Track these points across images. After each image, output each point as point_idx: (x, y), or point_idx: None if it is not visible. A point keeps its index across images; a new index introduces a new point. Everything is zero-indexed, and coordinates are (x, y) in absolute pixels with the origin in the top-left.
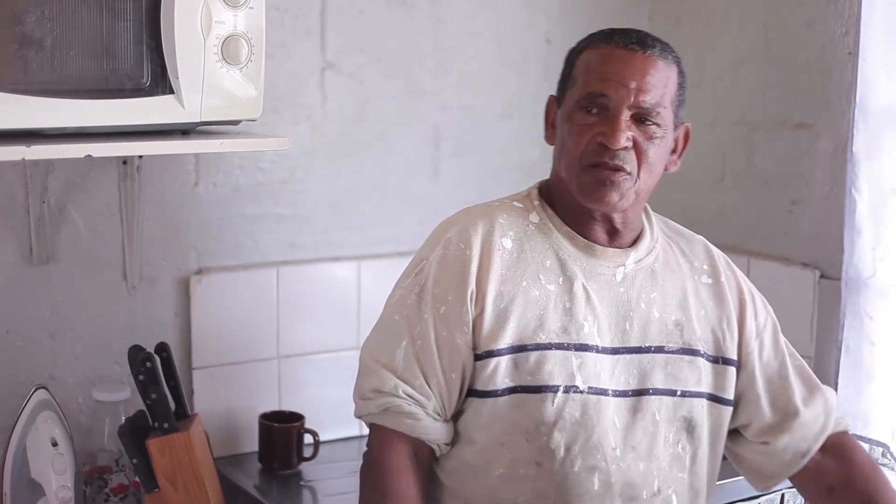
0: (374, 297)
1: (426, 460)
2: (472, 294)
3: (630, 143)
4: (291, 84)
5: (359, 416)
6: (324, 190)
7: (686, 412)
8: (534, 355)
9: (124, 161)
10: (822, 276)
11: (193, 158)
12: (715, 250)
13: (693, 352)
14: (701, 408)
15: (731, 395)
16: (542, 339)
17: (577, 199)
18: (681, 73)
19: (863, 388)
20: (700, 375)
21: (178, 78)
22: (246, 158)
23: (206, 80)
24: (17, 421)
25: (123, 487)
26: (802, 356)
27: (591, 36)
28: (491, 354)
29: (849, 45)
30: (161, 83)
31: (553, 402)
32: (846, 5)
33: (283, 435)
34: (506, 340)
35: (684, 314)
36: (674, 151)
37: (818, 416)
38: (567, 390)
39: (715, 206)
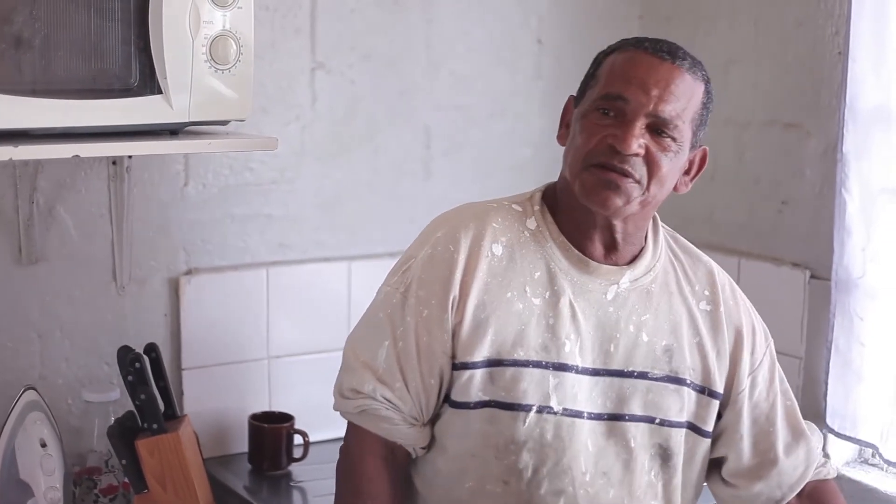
0: (365, 298)
1: (403, 461)
2: (454, 300)
3: (642, 151)
4: (281, 84)
5: (337, 410)
6: (314, 190)
7: (662, 440)
8: (510, 371)
9: (113, 161)
10: (812, 277)
11: (183, 159)
12: (720, 277)
13: (679, 380)
14: (679, 437)
15: (710, 428)
16: (521, 355)
17: (578, 199)
18: (707, 93)
19: (852, 389)
20: (683, 405)
21: (166, 78)
22: (235, 159)
23: (194, 80)
24: (5, 422)
25: (113, 488)
26: (792, 356)
27: (624, 40)
28: (466, 366)
29: (839, 44)
30: (149, 83)
31: (525, 421)
32: (836, 5)
33: (273, 436)
34: (482, 353)
35: (676, 340)
36: (687, 172)
37: (797, 466)
38: (540, 410)
39: (705, 206)
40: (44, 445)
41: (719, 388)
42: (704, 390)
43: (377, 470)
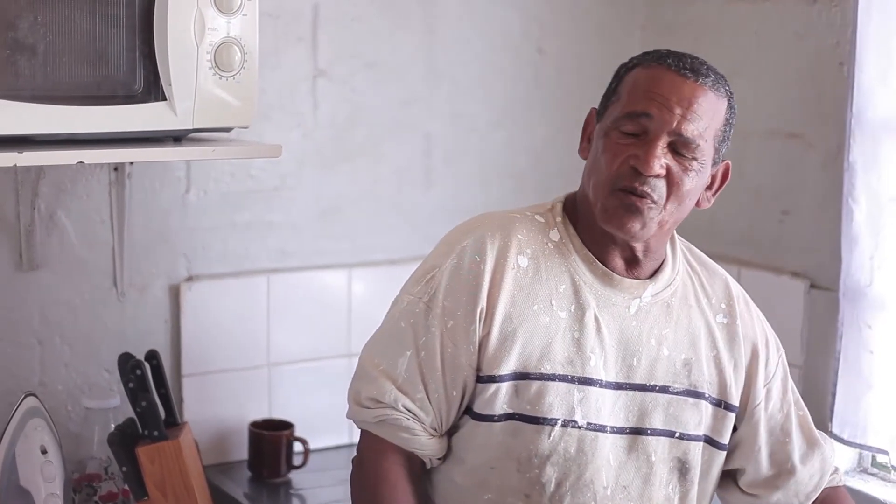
0: (365, 305)
1: (419, 471)
2: (481, 312)
3: (663, 172)
4: (283, 91)
5: (352, 419)
6: (315, 197)
7: (681, 454)
8: (535, 385)
9: (115, 168)
10: (812, 286)
11: (184, 165)
12: (735, 289)
13: (698, 394)
14: (696, 450)
15: (726, 440)
16: (547, 368)
17: (598, 221)
18: (730, 109)
19: (862, 397)
20: (701, 418)
21: (170, 85)
22: (237, 166)
23: (198, 87)
24: (6, 428)
25: (113, 495)
26: (792, 366)
27: (646, 54)
28: (493, 379)
29: (839, 55)
30: (153, 90)
31: (549, 435)
32: (838, 16)
33: (273, 443)
34: (509, 366)
35: (695, 354)
36: (709, 187)
37: (814, 475)
38: (565, 424)
39: (706, 215)
40: (44, 452)
41: (735, 401)
42: (721, 403)
43: (398, 477)
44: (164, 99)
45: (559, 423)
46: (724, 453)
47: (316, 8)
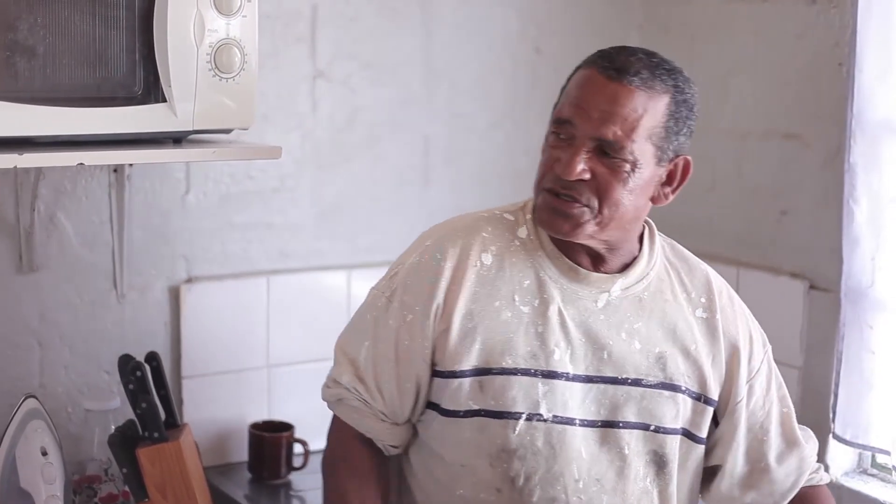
0: None
1: (383, 455)
2: (437, 309)
3: (587, 176)
4: (282, 92)
5: (322, 400)
6: (314, 198)
7: (657, 447)
8: (498, 379)
9: (115, 169)
10: (811, 287)
11: (184, 167)
12: (717, 284)
13: (673, 387)
14: (674, 444)
15: (704, 434)
16: (509, 363)
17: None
18: (676, 103)
19: (863, 397)
20: (678, 411)
21: (170, 86)
22: (236, 167)
23: (198, 88)
24: (6, 430)
25: (113, 497)
26: (790, 366)
27: (592, 55)
28: (455, 374)
29: (838, 56)
30: (153, 91)
31: (515, 429)
32: (837, 17)
33: (273, 444)
34: (471, 361)
35: (670, 347)
36: (668, 184)
37: (789, 475)
38: (530, 418)
39: (704, 216)
40: (45, 454)
41: (714, 395)
42: (700, 397)
43: (356, 444)
44: (164, 100)
45: (524, 416)
46: (703, 447)
47: (315, 9)
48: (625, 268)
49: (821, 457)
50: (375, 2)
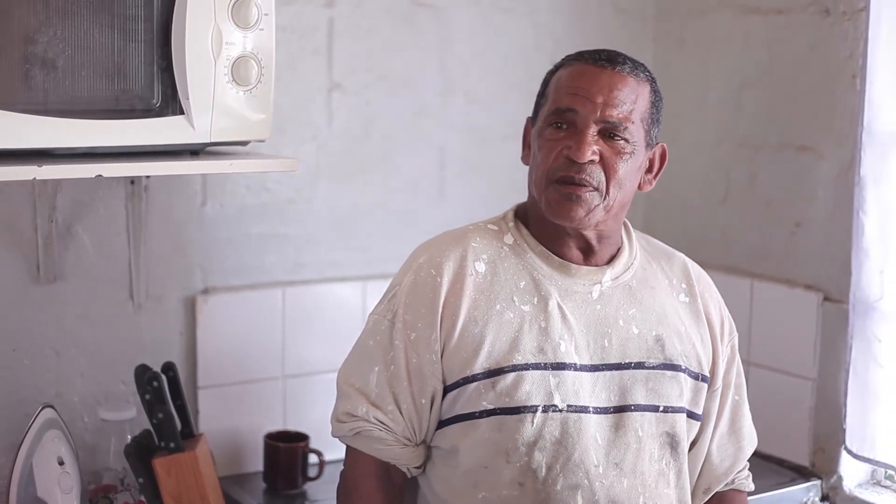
0: None
1: (399, 481)
2: (440, 322)
3: (597, 158)
4: (298, 104)
5: (334, 436)
6: (329, 210)
7: (669, 427)
8: (510, 377)
9: (132, 181)
10: (825, 299)
11: (200, 178)
12: (694, 270)
13: (674, 367)
14: (682, 422)
15: (700, 411)
16: (518, 360)
17: (545, 215)
18: (654, 92)
19: (870, 410)
20: (681, 391)
21: (188, 99)
22: (252, 178)
23: (216, 100)
24: (23, 439)
25: None
26: (805, 378)
27: (566, 56)
28: (468, 380)
29: (852, 68)
30: (171, 104)
31: (532, 422)
32: (850, 29)
33: (289, 455)
34: (481, 364)
35: (665, 329)
36: (649, 171)
37: (725, 459)
38: (546, 409)
39: (718, 228)
40: (61, 463)
41: (707, 373)
42: (699, 376)
43: (373, 489)
44: (182, 113)
45: (539, 409)
46: (699, 424)
47: (331, 21)
48: (611, 259)
49: (834, 468)
50: (391, 14)
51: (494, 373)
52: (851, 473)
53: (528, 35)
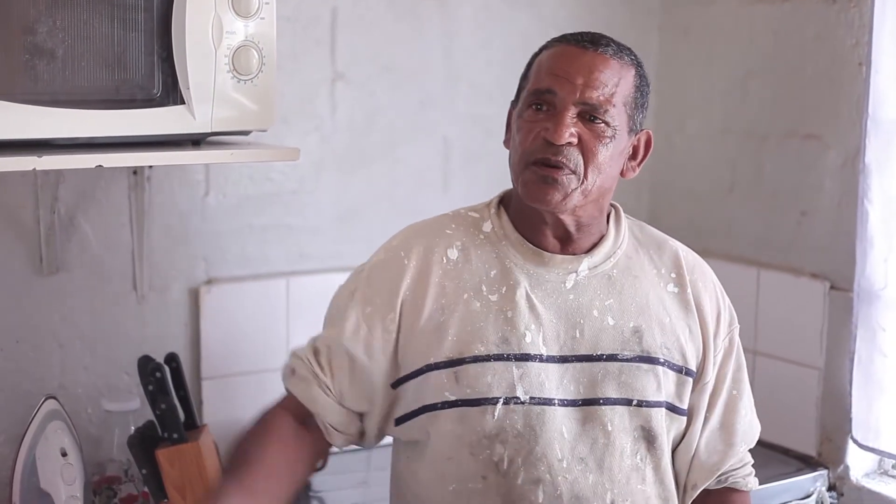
0: None
1: (311, 436)
2: (401, 304)
3: (575, 140)
4: (301, 94)
5: (281, 378)
6: (333, 200)
7: (644, 422)
8: (472, 367)
9: (134, 171)
10: (832, 288)
11: (203, 169)
12: (686, 260)
13: (651, 360)
14: (659, 417)
15: (685, 406)
16: (481, 350)
17: (522, 199)
18: (640, 76)
19: (875, 400)
20: (659, 384)
21: (189, 88)
22: (255, 169)
23: (216, 90)
24: (26, 430)
25: (132, 498)
26: (811, 367)
27: (550, 39)
28: (430, 367)
29: (858, 56)
30: (172, 94)
31: (493, 414)
32: (856, 17)
33: None
34: (444, 353)
35: (645, 321)
36: (633, 157)
37: (712, 454)
38: (507, 402)
39: (724, 217)
40: (64, 454)
41: (693, 366)
42: (682, 370)
43: (282, 420)
44: (183, 102)
45: (501, 401)
46: (684, 419)
47: (334, 11)
48: (592, 248)
49: (841, 458)
50: (395, 5)
51: (456, 362)
52: (858, 463)
53: (532, 25)
